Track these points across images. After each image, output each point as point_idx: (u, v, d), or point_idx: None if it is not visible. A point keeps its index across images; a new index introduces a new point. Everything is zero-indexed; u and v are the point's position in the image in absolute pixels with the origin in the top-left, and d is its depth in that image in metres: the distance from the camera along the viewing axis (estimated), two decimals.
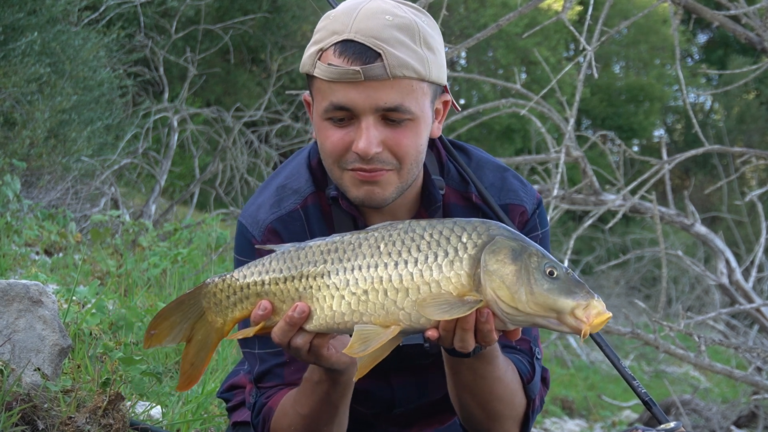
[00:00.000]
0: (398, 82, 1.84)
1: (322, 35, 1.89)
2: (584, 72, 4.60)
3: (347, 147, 1.89)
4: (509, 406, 2.02)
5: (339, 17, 1.88)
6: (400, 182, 1.93)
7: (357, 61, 1.82)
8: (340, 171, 1.93)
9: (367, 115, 1.86)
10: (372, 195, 1.93)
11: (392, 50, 1.83)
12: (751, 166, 5.49)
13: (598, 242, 15.47)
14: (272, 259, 1.77)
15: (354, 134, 1.88)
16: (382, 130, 1.87)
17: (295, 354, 1.78)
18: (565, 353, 11.53)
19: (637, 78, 26.21)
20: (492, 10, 20.97)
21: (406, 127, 1.88)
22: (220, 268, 5.86)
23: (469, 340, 1.69)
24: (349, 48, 1.83)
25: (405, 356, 2.05)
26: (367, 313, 1.69)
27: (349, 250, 1.71)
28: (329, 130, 1.90)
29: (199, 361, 1.85)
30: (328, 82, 1.85)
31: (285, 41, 14.51)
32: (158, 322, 1.83)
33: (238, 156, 10.52)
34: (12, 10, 7.05)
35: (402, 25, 1.86)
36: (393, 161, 1.90)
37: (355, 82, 1.83)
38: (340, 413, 1.98)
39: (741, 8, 4.49)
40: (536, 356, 2.11)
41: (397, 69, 1.83)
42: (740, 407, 7.53)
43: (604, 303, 1.62)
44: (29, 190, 7.12)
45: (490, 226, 1.69)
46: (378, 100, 1.84)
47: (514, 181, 2.13)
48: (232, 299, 1.79)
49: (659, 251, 5.36)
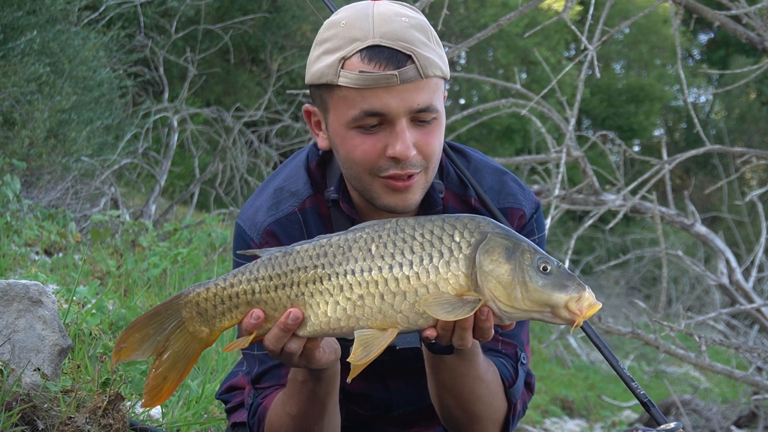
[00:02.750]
0: (428, 82, 1.86)
1: (337, 43, 1.86)
2: (585, 72, 4.60)
3: (380, 153, 1.88)
4: (489, 408, 2.02)
5: (353, 23, 1.86)
6: (426, 183, 1.95)
7: (390, 66, 1.82)
8: (371, 178, 1.92)
9: (401, 118, 1.86)
10: (405, 201, 1.93)
11: (420, 51, 1.84)
12: (751, 166, 5.48)
13: (599, 242, 15.47)
14: (259, 265, 1.73)
15: (386, 139, 1.87)
16: (413, 132, 1.88)
17: (287, 359, 1.78)
18: (565, 353, 11.53)
19: (637, 78, 26.22)
20: (492, 10, 20.95)
21: (433, 127, 1.90)
22: (221, 268, 5.86)
23: (468, 337, 1.71)
24: (378, 53, 1.83)
25: (402, 359, 2.05)
26: (363, 317, 1.68)
27: (339, 253, 1.70)
28: (357, 138, 1.89)
29: (174, 374, 1.77)
30: (358, 89, 1.84)
31: (285, 41, 14.50)
32: (129, 335, 1.75)
33: (238, 156, 10.52)
34: (11, 10, 7.04)
35: (417, 25, 1.87)
36: (423, 162, 1.91)
37: (388, 86, 1.83)
38: (329, 410, 1.98)
39: (742, 8, 4.49)
40: (521, 361, 2.12)
41: (429, 69, 1.85)
42: (740, 407, 7.52)
43: (594, 294, 1.67)
44: (29, 190, 7.12)
45: (480, 222, 1.70)
46: (412, 102, 1.85)
47: (512, 184, 2.14)
48: (220, 309, 1.75)
49: (659, 251, 5.36)
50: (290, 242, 2.03)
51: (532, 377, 2.19)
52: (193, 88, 10.98)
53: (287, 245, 2.03)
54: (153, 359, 1.78)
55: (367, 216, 2.05)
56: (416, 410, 2.23)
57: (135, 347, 1.75)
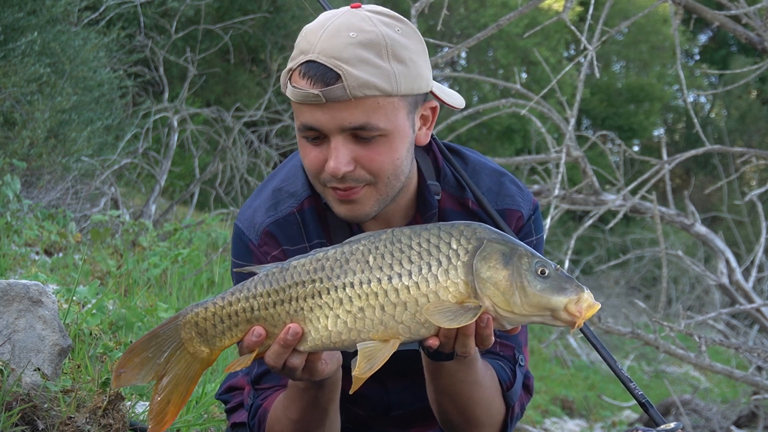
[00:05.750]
0: (362, 102, 1.82)
1: (294, 53, 1.88)
2: (585, 72, 4.60)
3: (322, 165, 1.89)
4: (487, 411, 2.02)
5: (307, 35, 1.87)
6: (379, 196, 1.92)
7: (319, 83, 1.81)
8: (321, 187, 1.94)
9: (334, 135, 1.85)
10: (353, 212, 1.93)
11: (352, 70, 1.80)
12: (751, 166, 5.48)
13: (599, 242, 15.47)
14: (257, 282, 1.72)
15: (327, 152, 1.87)
16: (353, 148, 1.86)
17: (289, 374, 1.77)
18: (565, 353, 11.53)
19: (637, 78, 26.22)
20: (492, 10, 20.96)
21: (378, 143, 1.87)
22: (221, 268, 5.86)
23: (471, 344, 1.72)
24: (311, 69, 1.82)
25: (400, 360, 2.05)
26: (365, 330, 1.68)
27: (336, 267, 1.69)
28: (306, 148, 1.91)
29: (177, 396, 1.75)
30: (297, 103, 1.86)
31: (285, 41, 14.49)
32: (128, 359, 1.73)
33: (238, 156, 10.52)
34: (12, 10, 7.05)
35: (366, 41, 1.82)
36: (368, 177, 1.89)
37: (318, 104, 1.82)
38: (331, 415, 1.98)
39: (741, 8, 4.49)
40: (519, 363, 2.11)
41: (357, 89, 1.80)
42: (740, 407, 7.52)
43: (593, 294, 1.68)
44: (29, 190, 7.12)
45: (476, 228, 1.69)
46: (342, 121, 1.83)
47: (510, 185, 2.12)
48: (220, 328, 1.74)
49: (659, 251, 5.36)
50: (289, 243, 2.03)
51: (530, 379, 2.19)
52: (193, 88, 10.98)
53: (287, 247, 2.02)
54: (153, 383, 1.76)
55: None
56: (415, 411, 2.23)
57: (135, 372, 1.73)
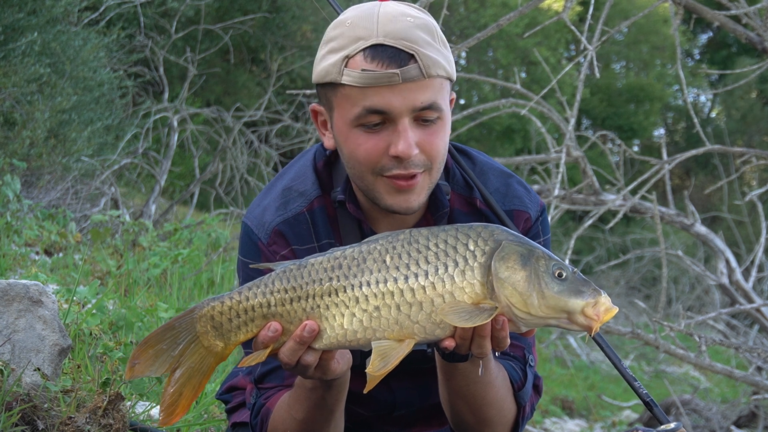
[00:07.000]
0: (431, 82, 1.86)
1: (342, 42, 1.87)
2: (585, 72, 4.60)
3: (382, 152, 1.88)
4: (499, 412, 2.03)
5: (358, 23, 1.87)
6: (430, 184, 1.95)
7: (393, 64, 1.83)
8: (374, 178, 1.92)
9: (404, 117, 1.86)
10: (408, 202, 1.93)
11: (424, 50, 1.85)
12: (751, 166, 5.48)
13: (599, 242, 15.47)
14: (274, 278, 1.73)
15: (389, 138, 1.87)
16: (416, 132, 1.88)
17: (302, 371, 1.77)
18: (565, 353, 11.53)
19: (637, 78, 26.22)
20: (492, 10, 20.97)
21: (437, 126, 1.90)
22: (221, 268, 5.86)
23: (487, 345, 1.72)
24: (381, 52, 1.84)
25: (406, 361, 2.05)
26: (380, 329, 1.68)
27: (354, 265, 1.69)
28: (360, 137, 1.89)
29: (189, 389, 1.75)
30: (361, 88, 1.85)
31: (285, 41, 14.50)
32: (143, 351, 1.73)
33: (238, 156, 10.52)
34: (12, 11, 7.05)
35: (422, 25, 1.88)
36: (426, 162, 1.91)
37: (390, 85, 1.83)
38: (336, 416, 1.99)
39: (741, 8, 4.49)
40: (529, 363, 2.12)
41: (432, 68, 1.85)
42: (740, 407, 7.52)
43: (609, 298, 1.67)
44: (29, 190, 7.12)
45: (494, 230, 1.70)
46: (415, 101, 1.85)
47: (518, 187, 2.14)
48: (235, 322, 1.74)
49: (659, 251, 5.36)
50: (298, 242, 2.02)
51: (540, 379, 2.20)
52: (193, 88, 10.98)
53: (296, 246, 2.02)
54: (167, 376, 1.76)
55: (373, 217, 2.05)
56: (418, 410, 2.23)
57: (149, 363, 1.73)
